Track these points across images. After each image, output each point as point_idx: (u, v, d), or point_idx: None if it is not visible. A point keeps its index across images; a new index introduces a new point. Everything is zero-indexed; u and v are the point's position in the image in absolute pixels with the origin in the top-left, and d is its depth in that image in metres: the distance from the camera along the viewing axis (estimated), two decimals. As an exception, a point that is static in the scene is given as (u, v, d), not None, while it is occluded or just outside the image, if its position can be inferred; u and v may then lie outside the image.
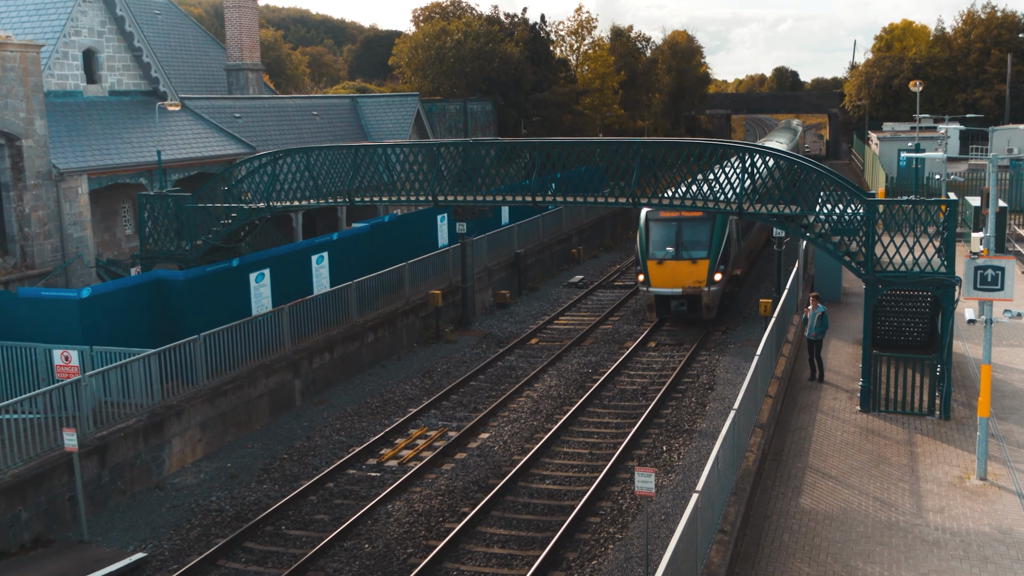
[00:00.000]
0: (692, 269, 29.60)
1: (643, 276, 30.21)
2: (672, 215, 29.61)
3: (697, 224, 29.82)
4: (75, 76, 34.23)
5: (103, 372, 19.39)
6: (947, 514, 15.80)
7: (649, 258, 30.05)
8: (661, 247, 30.08)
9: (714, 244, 29.69)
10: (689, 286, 29.70)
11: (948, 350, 19.93)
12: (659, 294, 30.16)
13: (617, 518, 17.77)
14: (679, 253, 29.83)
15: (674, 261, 29.79)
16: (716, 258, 29.58)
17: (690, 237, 29.94)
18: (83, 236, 30.83)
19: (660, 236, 30.27)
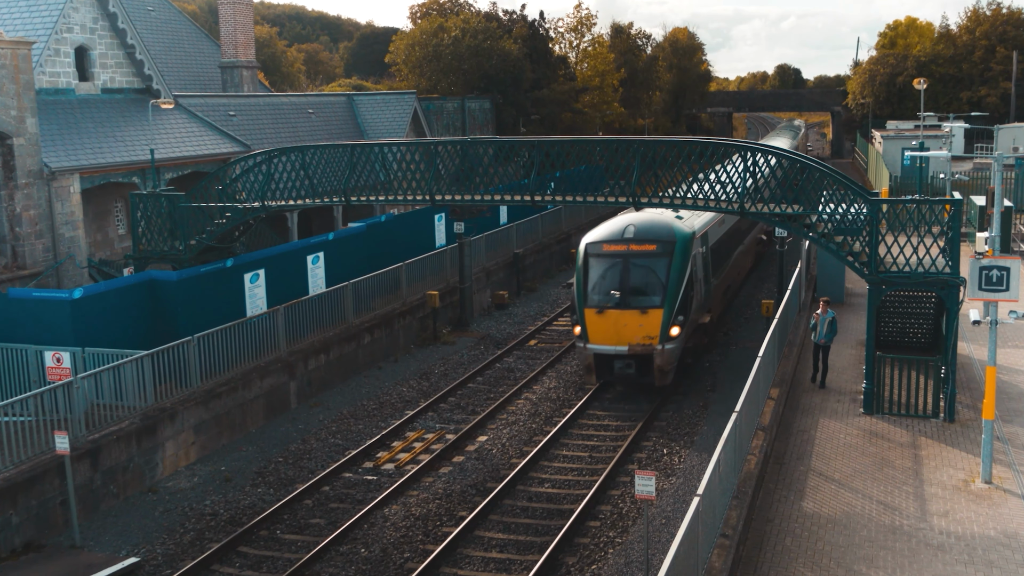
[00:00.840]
0: (642, 321, 23.37)
1: (580, 328, 23.92)
2: (618, 248, 24.12)
3: (650, 260, 23.96)
4: (67, 73, 34.21)
5: (95, 374, 19.38)
6: (952, 518, 15.81)
7: (587, 305, 23.83)
8: (602, 291, 23.90)
9: (671, 287, 23.54)
10: (637, 343, 23.35)
11: (952, 352, 19.93)
12: (599, 352, 23.71)
13: (617, 522, 17.77)
14: (625, 299, 23.60)
15: (618, 310, 23.57)
16: (674, 306, 23.41)
17: (640, 278, 23.93)
18: (75, 236, 30.80)
19: (602, 276, 24.06)
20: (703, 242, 26.12)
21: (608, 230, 24.97)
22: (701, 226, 26.31)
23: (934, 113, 71.77)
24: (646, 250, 24.08)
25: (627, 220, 25.02)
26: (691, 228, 25.14)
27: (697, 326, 25.66)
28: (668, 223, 24.76)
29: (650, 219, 25.00)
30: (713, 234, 27.85)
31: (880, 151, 64.25)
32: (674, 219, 25.29)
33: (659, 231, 24.38)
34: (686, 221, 25.66)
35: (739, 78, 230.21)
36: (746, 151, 21.84)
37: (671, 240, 24.08)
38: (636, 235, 24.29)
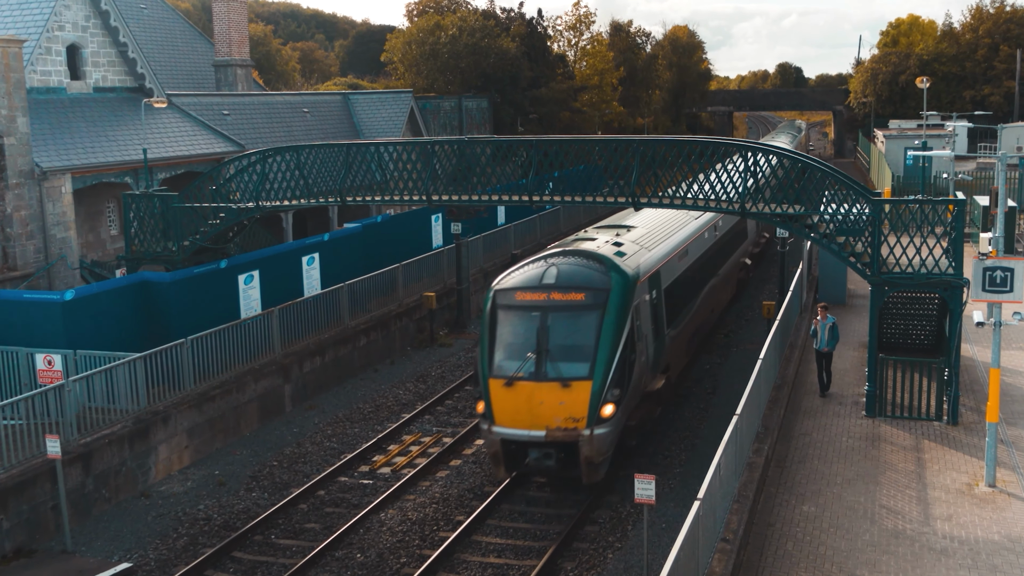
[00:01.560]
0: (564, 397, 17.90)
1: (484, 404, 18.51)
2: (536, 297, 19.00)
3: (577, 314, 18.68)
4: (58, 72, 34.19)
5: (87, 377, 19.36)
6: (955, 522, 15.82)
7: (493, 374, 18.51)
8: (513, 355, 18.53)
9: (605, 350, 18.15)
10: (558, 427, 17.78)
11: (956, 353, 19.95)
12: (508, 438, 18.18)
13: (616, 527, 17.76)
14: (543, 368, 18.20)
15: (534, 383, 18.06)
16: (607, 376, 17.94)
17: (564, 338, 18.51)
18: (67, 237, 30.77)
19: (513, 335, 18.90)
20: (654, 284, 21.00)
21: (524, 273, 19.69)
22: (652, 263, 21.42)
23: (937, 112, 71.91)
24: (572, 300, 18.77)
25: (550, 259, 20.04)
26: (635, 268, 20.10)
27: (645, 396, 20.14)
28: (604, 263, 19.58)
29: (581, 258, 19.95)
30: (670, 271, 22.80)
31: (882, 151, 64.33)
32: (614, 256, 20.33)
33: (590, 274, 19.15)
34: (631, 258, 20.75)
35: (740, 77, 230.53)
36: (747, 151, 21.85)
37: (605, 287, 18.77)
38: (559, 280, 19.04)
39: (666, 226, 25.51)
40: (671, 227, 25.56)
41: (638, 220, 25.73)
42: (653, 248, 22.58)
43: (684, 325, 24.02)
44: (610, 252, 20.54)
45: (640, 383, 19.65)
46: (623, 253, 20.87)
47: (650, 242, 23.00)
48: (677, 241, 24.53)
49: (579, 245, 21.47)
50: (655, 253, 22.26)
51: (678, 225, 26.16)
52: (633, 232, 23.62)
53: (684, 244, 24.93)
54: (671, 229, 25.35)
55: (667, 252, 22.99)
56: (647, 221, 25.58)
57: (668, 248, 23.36)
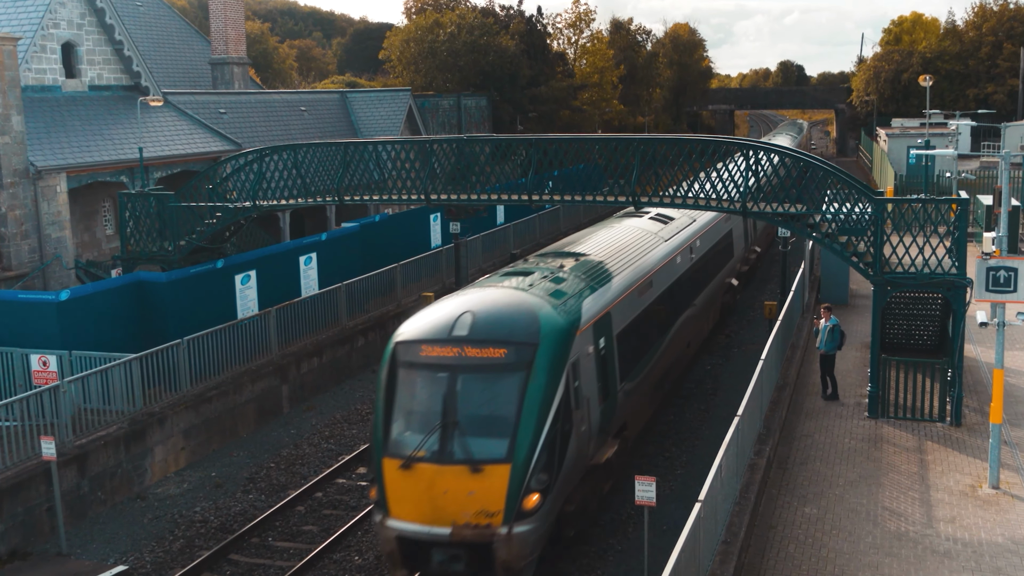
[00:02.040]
0: (475, 486, 14.37)
1: (377, 490, 14.99)
2: (445, 352, 15.30)
3: (496, 376, 15.11)
4: (53, 70, 34.17)
5: (82, 378, 19.35)
6: (958, 524, 15.83)
7: (389, 452, 14.88)
8: (414, 427, 15.01)
9: (529, 422, 14.48)
10: (467, 523, 14.28)
11: (959, 354, 19.96)
12: (406, 535, 14.55)
13: (617, 528, 17.77)
14: (449, 446, 14.61)
15: (438, 465, 14.49)
16: (532, 457, 14.33)
17: (477, 406, 15.01)
18: (62, 236, 30.77)
19: (414, 403, 15.36)
20: (602, 331, 17.46)
21: (432, 320, 15.96)
22: (601, 303, 17.83)
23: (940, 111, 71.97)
24: (490, 358, 15.05)
25: (466, 302, 16.22)
26: (576, 312, 16.57)
27: (590, 471, 16.55)
28: (533, 308, 15.84)
29: (506, 301, 16.22)
30: (627, 310, 19.31)
31: (885, 149, 64.36)
32: (550, 297, 16.65)
33: (515, 323, 15.46)
34: (573, 298, 17.04)
35: (741, 75, 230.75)
36: (748, 149, 21.86)
37: (532, 340, 15.09)
38: (474, 331, 15.27)
39: (627, 252, 21.84)
40: (633, 253, 21.94)
41: (592, 245, 22.01)
42: (605, 283, 18.86)
43: (647, 373, 20.45)
44: (545, 292, 16.90)
45: (580, 458, 15.88)
46: (563, 292, 17.18)
47: (602, 275, 19.30)
48: (638, 271, 20.84)
49: (509, 282, 17.67)
50: (607, 290, 18.60)
51: (642, 250, 22.48)
52: (583, 262, 19.97)
53: (648, 274, 21.31)
54: (632, 256, 21.65)
55: (624, 287, 19.50)
56: (603, 246, 21.90)
57: (626, 281, 19.77)
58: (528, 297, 16.42)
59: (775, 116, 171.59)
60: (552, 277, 18.06)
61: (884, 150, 64.46)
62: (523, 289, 16.97)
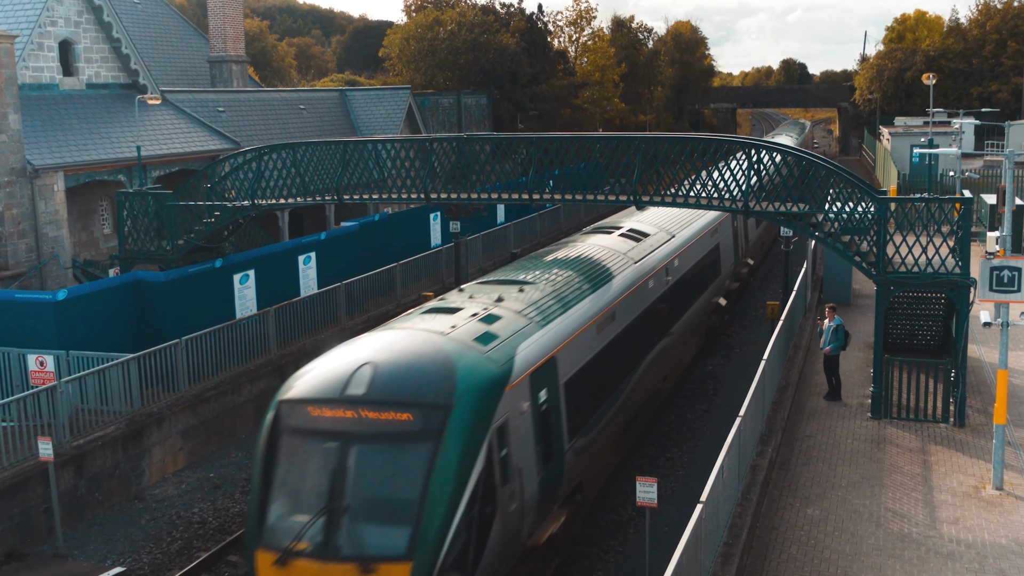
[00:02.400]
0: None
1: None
2: (338, 415, 12.57)
3: (398, 447, 12.32)
4: (51, 68, 34.17)
5: (80, 378, 19.35)
6: (962, 525, 15.82)
7: (263, 542, 12.23)
8: (296, 510, 12.32)
9: (437, 506, 11.80)
10: None
11: (963, 354, 19.95)
12: None
13: (618, 530, 17.77)
14: (335, 537, 11.88)
15: (319, 562, 11.82)
16: (440, 550, 11.65)
17: (373, 486, 12.21)
18: (59, 236, 30.77)
19: (298, 477, 12.68)
20: (543, 381, 14.80)
21: (324, 375, 13.25)
22: (544, 346, 15.19)
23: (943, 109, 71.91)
24: (392, 424, 12.19)
25: (370, 350, 13.49)
26: (507, 361, 13.86)
27: (526, 554, 14.05)
28: (450, 358, 13.14)
29: (417, 348, 13.49)
30: (580, 350, 16.72)
31: (888, 148, 64.37)
32: (474, 342, 13.93)
33: (424, 379, 12.74)
34: (505, 343, 14.33)
35: (743, 73, 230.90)
36: (750, 148, 21.85)
37: (445, 401, 12.35)
38: (374, 389, 12.52)
39: (586, 278, 19.15)
40: (593, 279, 19.30)
41: (544, 271, 19.34)
42: (552, 318, 16.16)
43: (609, 421, 18.07)
44: (471, 335, 14.16)
45: (511, 543, 13.23)
46: (494, 335, 14.41)
47: (550, 308, 16.57)
48: (599, 302, 18.27)
49: (429, 322, 14.82)
50: (553, 328, 15.90)
51: (606, 275, 19.95)
52: (529, 292, 17.10)
53: (611, 304, 18.76)
54: (592, 282, 19.05)
55: (578, 322, 16.85)
56: (558, 272, 19.28)
57: (580, 315, 17.14)
58: (447, 344, 13.59)
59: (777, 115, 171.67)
60: (485, 315, 15.21)
61: (887, 149, 64.46)
62: (443, 332, 14.06)
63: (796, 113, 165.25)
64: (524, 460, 13.73)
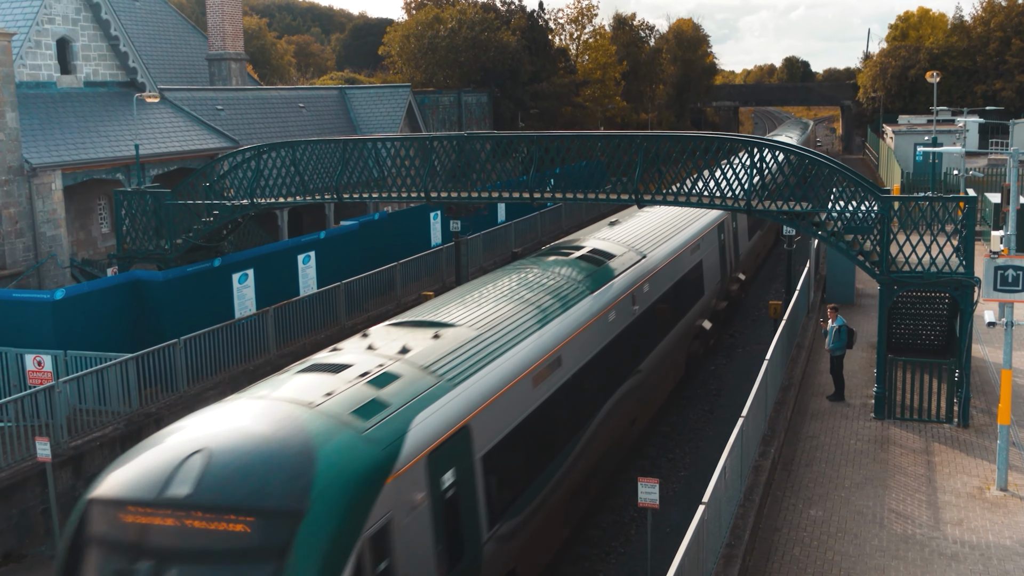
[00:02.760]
0: None
1: None
2: (157, 522, 9.58)
3: (227, 567, 9.28)
4: (48, 66, 34.18)
5: (78, 378, 19.35)
6: (966, 526, 15.82)
7: None
8: None
9: None
10: None
11: (967, 354, 19.94)
12: None
13: (619, 531, 17.77)
14: None
15: None
16: None
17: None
18: (57, 235, 30.77)
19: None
20: (452, 457, 12.01)
21: (143, 466, 10.44)
22: (454, 413, 12.29)
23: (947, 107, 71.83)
24: (223, 536, 9.38)
25: (207, 431, 10.63)
26: (394, 439, 11.02)
27: None
28: (310, 442, 10.28)
29: (269, 427, 10.55)
30: (509, 410, 13.79)
31: (892, 147, 64.36)
32: (353, 414, 11.06)
33: (269, 473, 9.85)
34: (394, 416, 11.39)
35: (746, 71, 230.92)
36: (753, 147, 21.85)
37: (294, 505, 9.50)
38: (203, 488, 9.71)
39: (524, 316, 16.09)
40: (534, 317, 16.18)
41: (473, 308, 16.10)
42: (470, 375, 13.14)
43: (551, 490, 15.28)
44: (350, 404, 11.19)
45: None
46: (380, 405, 11.38)
47: (468, 361, 13.54)
48: (538, 347, 15.27)
49: (297, 385, 11.82)
50: (469, 388, 12.87)
51: (551, 311, 16.78)
52: (443, 339, 13.92)
53: (553, 349, 15.74)
54: (531, 322, 15.95)
55: (505, 377, 13.82)
56: (490, 309, 16.10)
57: (509, 369, 14.09)
58: (311, 421, 10.53)
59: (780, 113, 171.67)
60: (378, 374, 12.17)
61: (891, 147, 64.44)
62: (310, 404, 10.98)
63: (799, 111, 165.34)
64: (418, 568, 10.80)
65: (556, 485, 15.57)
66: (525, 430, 14.29)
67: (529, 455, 14.58)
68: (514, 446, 13.89)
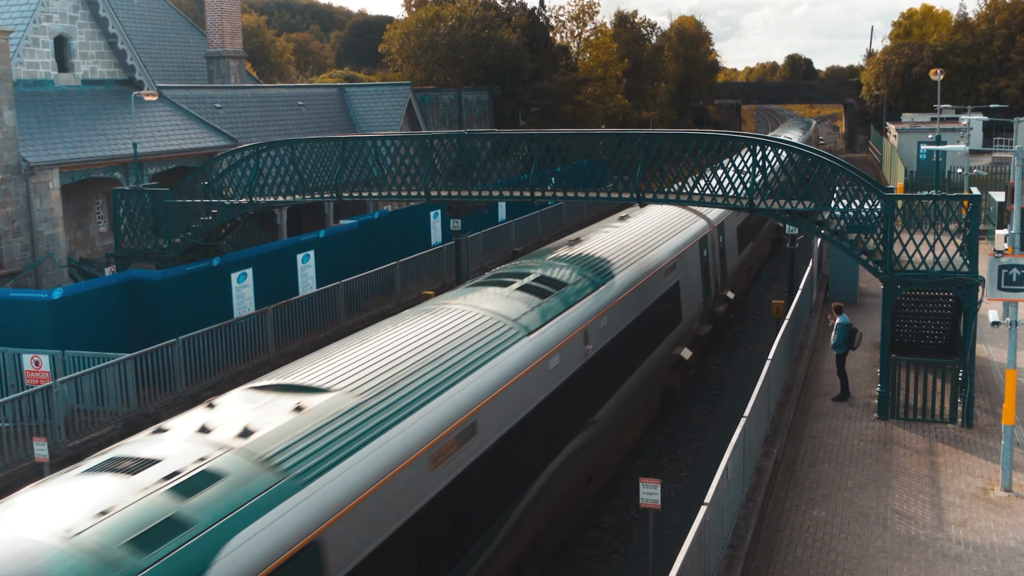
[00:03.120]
0: None
1: None
2: None
3: None
4: (46, 64, 34.19)
5: (76, 378, 19.35)
6: (970, 527, 15.81)
7: None
8: None
9: None
10: None
11: (971, 354, 19.94)
12: None
13: (621, 532, 17.77)
14: None
15: None
16: None
17: None
18: (54, 234, 30.78)
19: None
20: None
21: None
22: (298, 524, 9.34)
23: (951, 105, 71.83)
24: None
25: None
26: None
27: None
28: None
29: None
30: (394, 505, 10.84)
31: (895, 145, 64.33)
32: (123, 547, 8.06)
33: None
34: (196, 538, 8.50)
35: (748, 69, 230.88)
36: (755, 145, 21.85)
37: None
38: None
39: (428, 376, 12.79)
40: (442, 375, 13.01)
41: (359, 367, 12.62)
42: (332, 466, 10.21)
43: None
44: (121, 532, 8.30)
45: None
46: (180, 526, 8.61)
47: (333, 444, 10.58)
48: (435, 419, 12.08)
49: (76, 492, 9.25)
50: (326, 486, 9.95)
51: (464, 366, 13.53)
52: (306, 413, 10.95)
53: (461, 419, 12.54)
54: (437, 382, 12.80)
55: (385, 463, 10.87)
56: (381, 367, 12.74)
57: (392, 451, 11.09)
58: (55, 565, 7.72)
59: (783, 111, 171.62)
60: (189, 476, 9.22)
61: (894, 146, 64.42)
62: (66, 533, 8.12)
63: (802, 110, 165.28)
64: None
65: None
66: (417, 529, 11.01)
67: (424, 561, 11.41)
68: (398, 554, 10.63)
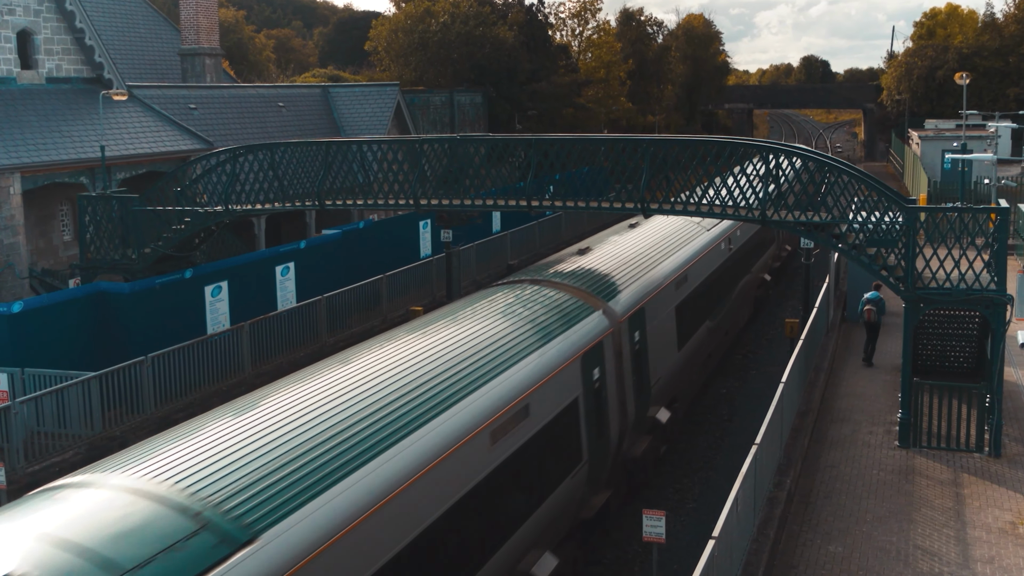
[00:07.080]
0: None
1: None
2: None
3: None
4: (8, 61, 34.25)
5: (36, 398, 19.32)
6: (997, 564, 15.81)
7: None
8: None
9: None
10: None
11: (998, 378, 19.98)
12: None
13: (623, 567, 17.75)
14: None
15: None
16: None
17: None
18: (15, 243, 30.75)
19: None
20: None
21: None
22: None
23: (978, 111, 72.16)
24: None
25: None
26: None
27: None
28: None
29: None
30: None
31: (918, 153, 64.61)
32: None
33: None
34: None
35: (761, 71, 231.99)
36: (768, 152, 21.93)
37: None
38: None
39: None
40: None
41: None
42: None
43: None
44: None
45: None
46: None
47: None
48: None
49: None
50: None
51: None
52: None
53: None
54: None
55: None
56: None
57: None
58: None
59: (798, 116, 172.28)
60: None
61: (916, 154, 64.70)
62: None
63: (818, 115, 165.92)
64: None
65: None
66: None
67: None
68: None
